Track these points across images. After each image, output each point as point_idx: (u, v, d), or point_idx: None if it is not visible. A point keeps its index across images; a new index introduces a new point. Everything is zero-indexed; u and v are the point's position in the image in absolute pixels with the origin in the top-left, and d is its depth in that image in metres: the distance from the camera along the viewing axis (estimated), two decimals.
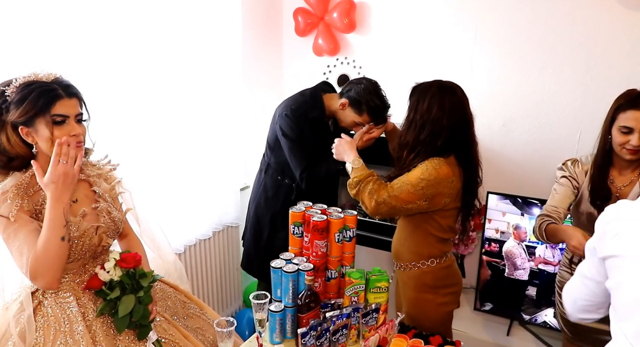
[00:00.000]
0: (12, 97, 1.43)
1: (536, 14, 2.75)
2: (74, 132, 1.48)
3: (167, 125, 2.56)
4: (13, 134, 1.46)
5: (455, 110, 1.82)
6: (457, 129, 1.83)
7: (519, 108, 2.92)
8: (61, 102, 1.45)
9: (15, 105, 1.42)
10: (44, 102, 1.43)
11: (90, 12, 2.07)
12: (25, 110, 1.42)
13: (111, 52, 2.18)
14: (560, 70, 2.76)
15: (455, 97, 1.84)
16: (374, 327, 1.68)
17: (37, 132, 1.45)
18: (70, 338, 1.48)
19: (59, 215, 1.43)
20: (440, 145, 1.82)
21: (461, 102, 1.86)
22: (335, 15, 3.20)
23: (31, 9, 1.85)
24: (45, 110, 1.43)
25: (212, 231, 3.00)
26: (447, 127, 1.80)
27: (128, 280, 1.56)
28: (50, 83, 1.47)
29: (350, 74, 3.39)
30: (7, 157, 1.47)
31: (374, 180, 1.86)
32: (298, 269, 1.63)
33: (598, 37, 2.63)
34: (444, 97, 1.82)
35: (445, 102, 1.81)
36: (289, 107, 2.42)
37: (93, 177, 1.68)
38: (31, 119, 1.43)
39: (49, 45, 1.93)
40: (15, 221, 1.42)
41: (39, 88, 1.44)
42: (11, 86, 1.44)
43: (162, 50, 2.47)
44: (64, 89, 1.48)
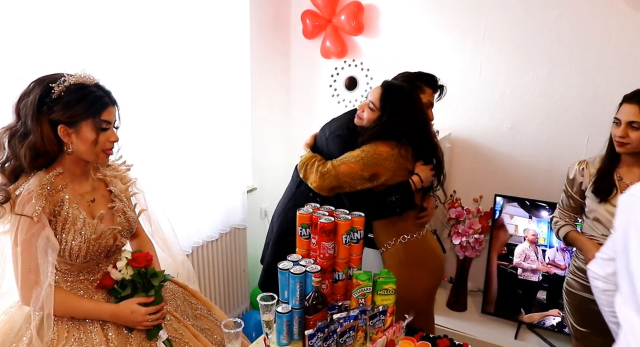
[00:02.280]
0: (61, 96, 1.44)
1: (545, 16, 2.74)
2: (113, 139, 1.55)
3: (175, 126, 2.57)
4: (49, 131, 1.46)
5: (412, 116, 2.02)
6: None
7: (527, 110, 2.91)
8: (108, 110, 1.52)
9: (64, 105, 1.44)
10: (96, 108, 1.48)
11: (103, 14, 2.09)
12: (75, 112, 1.45)
13: (121, 54, 2.20)
14: (569, 72, 2.75)
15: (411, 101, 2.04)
16: (381, 330, 1.67)
17: (80, 135, 1.48)
18: (84, 335, 1.50)
19: (99, 317, 1.54)
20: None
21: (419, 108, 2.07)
22: (343, 18, 3.20)
23: (42, 9, 1.87)
24: (95, 115, 1.48)
25: (219, 232, 3.00)
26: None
27: (139, 279, 1.58)
28: (98, 88, 1.52)
29: (357, 77, 3.39)
30: (34, 153, 1.46)
31: (318, 158, 2.09)
32: (305, 270, 1.63)
33: (608, 40, 2.62)
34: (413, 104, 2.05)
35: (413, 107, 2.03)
36: (345, 127, 2.23)
37: (109, 177, 1.70)
38: (77, 121, 1.46)
39: (65, 47, 1.95)
40: (37, 221, 1.43)
41: (92, 93, 1.48)
42: (60, 85, 1.44)
43: (171, 52, 2.48)
44: (109, 96, 1.54)
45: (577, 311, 2.11)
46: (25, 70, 1.82)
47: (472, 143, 3.12)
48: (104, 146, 1.54)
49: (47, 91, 1.44)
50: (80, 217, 1.52)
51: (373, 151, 1.96)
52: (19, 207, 1.42)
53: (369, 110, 2.05)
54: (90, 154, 1.52)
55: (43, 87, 1.44)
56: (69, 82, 1.45)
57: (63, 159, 1.53)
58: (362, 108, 2.08)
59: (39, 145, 1.45)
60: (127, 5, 2.21)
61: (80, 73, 1.50)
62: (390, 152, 1.98)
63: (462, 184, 3.20)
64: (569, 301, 2.14)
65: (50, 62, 1.88)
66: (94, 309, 1.53)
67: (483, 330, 2.90)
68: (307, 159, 2.11)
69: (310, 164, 2.07)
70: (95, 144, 1.50)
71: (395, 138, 2.01)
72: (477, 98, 3.04)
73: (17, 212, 1.42)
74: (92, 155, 1.53)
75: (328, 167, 1.99)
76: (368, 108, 2.05)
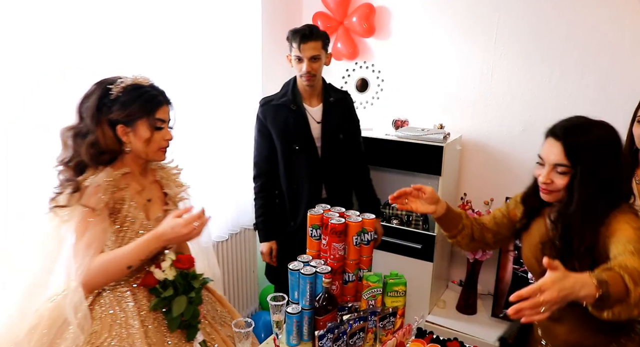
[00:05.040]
0: (119, 97, 1.51)
1: (558, 19, 2.73)
2: (168, 137, 1.62)
3: (185, 127, 2.58)
4: (109, 130, 1.53)
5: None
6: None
7: (540, 113, 2.89)
8: (162, 108, 1.59)
9: (122, 105, 1.51)
10: (151, 107, 1.55)
11: (120, 17, 2.11)
12: (131, 112, 1.52)
13: (137, 57, 2.22)
14: (582, 74, 2.73)
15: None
16: (391, 331, 1.67)
17: (136, 133, 1.55)
18: (125, 331, 1.52)
19: (147, 251, 1.53)
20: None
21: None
22: (355, 20, 3.21)
23: (53, 8, 1.89)
24: (150, 113, 1.55)
25: (229, 233, 3.01)
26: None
27: (181, 280, 1.60)
28: (153, 88, 1.59)
29: (369, 78, 3.40)
30: (97, 151, 1.52)
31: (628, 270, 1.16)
32: (316, 271, 1.64)
33: (621, 42, 2.60)
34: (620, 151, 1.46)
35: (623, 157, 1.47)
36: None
37: (165, 180, 1.76)
38: (134, 120, 1.53)
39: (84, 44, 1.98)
40: (99, 214, 1.50)
41: (146, 93, 1.55)
42: (117, 86, 1.52)
43: (184, 54, 2.50)
44: (163, 96, 1.61)
45: None
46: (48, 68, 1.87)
47: (483, 146, 3.11)
48: (159, 144, 1.60)
49: (105, 92, 1.52)
50: (138, 218, 1.59)
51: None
52: (84, 198, 1.48)
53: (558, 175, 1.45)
54: (147, 152, 1.59)
55: (102, 88, 1.52)
56: (125, 84, 1.53)
57: (124, 157, 1.60)
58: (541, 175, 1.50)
59: (101, 144, 1.51)
60: (140, 14, 2.25)
61: (136, 75, 1.58)
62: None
63: (473, 186, 3.19)
64: None
65: (68, 60, 1.92)
66: (131, 247, 1.52)
67: (493, 333, 2.87)
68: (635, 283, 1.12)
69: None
70: (150, 142, 1.57)
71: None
72: (489, 100, 3.03)
73: (83, 203, 1.48)
74: (148, 153, 1.60)
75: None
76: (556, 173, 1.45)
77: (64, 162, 1.53)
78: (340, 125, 2.53)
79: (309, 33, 2.34)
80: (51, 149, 1.59)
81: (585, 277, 1.12)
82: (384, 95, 3.37)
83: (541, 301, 1.08)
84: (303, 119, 2.44)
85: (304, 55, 2.34)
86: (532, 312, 1.09)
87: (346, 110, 2.59)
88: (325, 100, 2.50)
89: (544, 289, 1.08)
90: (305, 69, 2.36)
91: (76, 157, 1.52)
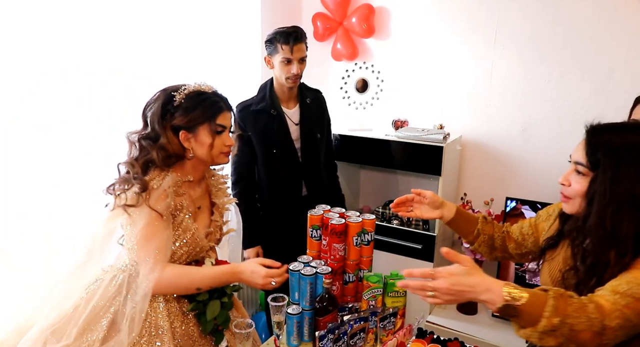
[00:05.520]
0: (181, 103, 1.55)
1: (558, 18, 2.73)
2: (229, 143, 1.64)
3: None
4: (173, 136, 1.57)
5: None
6: None
7: (539, 113, 2.89)
8: (223, 114, 1.61)
9: (184, 111, 1.55)
10: (212, 113, 1.58)
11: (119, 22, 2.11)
12: (193, 117, 1.55)
13: (134, 59, 2.22)
14: (582, 75, 2.73)
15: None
16: (391, 332, 1.67)
17: (197, 139, 1.58)
18: (154, 331, 1.55)
19: (220, 282, 1.61)
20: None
21: None
22: (354, 20, 3.21)
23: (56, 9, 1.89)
24: (211, 119, 1.58)
25: None
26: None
27: (229, 289, 1.68)
28: (215, 95, 1.62)
29: (368, 79, 3.40)
30: (165, 155, 1.56)
31: (573, 301, 1.06)
32: (316, 272, 1.64)
33: (621, 41, 2.60)
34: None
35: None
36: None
37: (214, 189, 1.78)
38: (195, 126, 1.56)
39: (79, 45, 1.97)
40: (165, 220, 1.53)
41: (208, 99, 1.58)
42: (180, 93, 1.56)
43: (182, 53, 2.50)
44: (224, 102, 1.63)
45: None
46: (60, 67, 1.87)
47: (483, 145, 3.11)
48: (220, 149, 1.62)
49: (169, 99, 1.56)
50: (191, 229, 1.61)
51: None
52: (153, 201, 1.51)
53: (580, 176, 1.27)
54: (211, 156, 1.61)
55: (166, 95, 1.57)
56: (188, 90, 1.57)
57: (184, 163, 1.63)
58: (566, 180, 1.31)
59: (168, 148, 1.55)
60: (140, 15, 2.25)
61: (199, 82, 1.62)
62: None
63: (473, 186, 3.19)
64: None
65: (68, 60, 1.92)
66: (207, 273, 1.59)
67: (494, 334, 2.87)
68: (554, 314, 1.03)
69: (577, 312, 1.03)
70: (211, 147, 1.59)
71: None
72: (489, 100, 3.03)
73: (151, 206, 1.50)
74: (212, 157, 1.62)
75: (616, 317, 1.03)
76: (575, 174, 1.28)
77: (132, 159, 1.57)
78: (317, 124, 2.57)
79: (299, 34, 2.34)
80: (50, 149, 1.59)
81: (495, 284, 1.07)
82: (383, 96, 3.37)
83: (429, 286, 1.07)
84: (283, 123, 2.44)
85: (294, 56, 2.33)
86: (420, 292, 1.10)
87: (320, 109, 2.62)
88: (302, 101, 2.52)
89: (437, 276, 1.09)
90: (295, 70, 2.36)
91: (144, 156, 1.56)
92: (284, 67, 2.36)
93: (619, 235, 1.14)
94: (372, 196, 3.55)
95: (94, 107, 2.03)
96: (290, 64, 2.34)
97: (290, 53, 2.32)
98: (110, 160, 2.09)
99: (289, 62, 2.34)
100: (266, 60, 2.42)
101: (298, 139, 2.50)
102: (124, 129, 1.58)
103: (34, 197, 1.87)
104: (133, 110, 2.19)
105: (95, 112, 2.03)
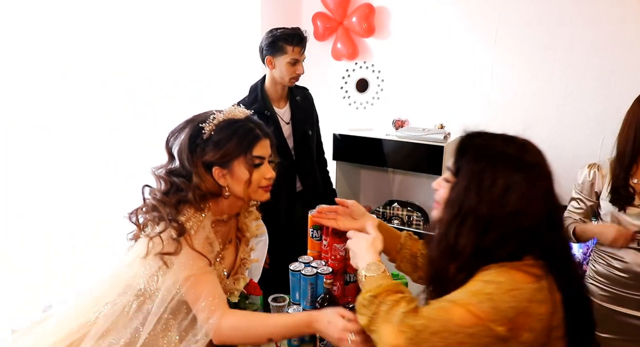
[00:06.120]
0: (211, 136, 1.35)
1: (559, 17, 2.73)
2: (269, 175, 1.42)
3: None
4: (206, 174, 1.36)
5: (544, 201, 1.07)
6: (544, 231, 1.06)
7: (540, 113, 2.89)
8: (260, 143, 1.39)
9: (215, 145, 1.35)
10: (247, 143, 1.37)
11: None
12: (226, 152, 1.35)
13: (134, 59, 2.22)
14: (583, 73, 2.73)
15: (546, 181, 1.10)
16: None
17: (233, 175, 1.37)
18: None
19: (294, 333, 1.39)
20: (512, 251, 1.04)
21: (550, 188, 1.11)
22: (354, 20, 3.21)
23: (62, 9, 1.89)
24: (246, 151, 1.36)
25: None
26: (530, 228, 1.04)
27: (242, 304, 1.58)
28: (248, 121, 1.41)
29: (369, 78, 3.39)
30: (200, 193, 1.37)
31: (407, 298, 1.05)
32: (317, 272, 1.63)
33: (623, 40, 2.60)
34: (532, 181, 1.06)
35: (534, 189, 1.06)
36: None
37: (247, 217, 1.58)
38: (230, 160, 1.36)
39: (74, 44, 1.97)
40: (211, 265, 1.37)
41: (240, 128, 1.38)
42: (209, 123, 1.36)
43: (182, 53, 2.50)
44: (261, 129, 1.41)
45: (597, 317, 2.05)
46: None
47: None
48: (259, 183, 1.41)
49: (198, 132, 1.36)
50: (219, 271, 1.45)
51: (512, 282, 0.99)
52: (198, 247, 1.32)
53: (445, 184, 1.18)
54: (247, 194, 1.40)
55: (193, 127, 1.37)
56: (217, 120, 1.37)
57: (221, 201, 1.42)
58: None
59: (202, 187, 1.36)
60: (141, 15, 2.24)
61: (230, 108, 1.43)
62: (540, 288, 1.00)
63: None
64: None
65: (68, 60, 1.92)
66: (280, 322, 1.34)
67: None
68: (380, 291, 1.08)
69: (390, 305, 1.03)
70: (249, 183, 1.37)
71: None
72: (489, 100, 3.03)
73: (197, 249, 1.32)
74: (249, 194, 1.41)
75: (424, 318, 0.98)
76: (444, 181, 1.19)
77: (162, 195, 1.36)
78: (307, 122, 2.58)
79: (305, 35, 2.35)
80: (50, 149, 1.58)
81: (368, 257, 1.19)
82: (384, 95, 3.37)
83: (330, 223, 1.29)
84: (276, 124, 2.45)
85: (302, 57, 2.35)
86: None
87: (309, 106, 2.64)
88: (292, 99, 2.53)
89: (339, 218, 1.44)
90: (301, 71, 2.38)
91: (176, 194, 1.35)
92: (290, 67, 2.36)
93: (456, 248, 1.06)
94: (372, 196, 3.55)
95: (94, 107, 2.02)
96: (297, 65, 2.36)
97: (299, 54, 2.33)
98: (110, 161, 2.11)
99: (296, 62, 2.35)
100: (267, 60, 2.41)
101: (290, 137, 2.52)
102: (124, 129, 1.55)
103: (34, 197, 1.86)
104: (133, 110, 2.22)
105: (95, 112, 2.03)
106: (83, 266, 2.04)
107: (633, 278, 1.89)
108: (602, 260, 1.99)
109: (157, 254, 1.29)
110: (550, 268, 1.03)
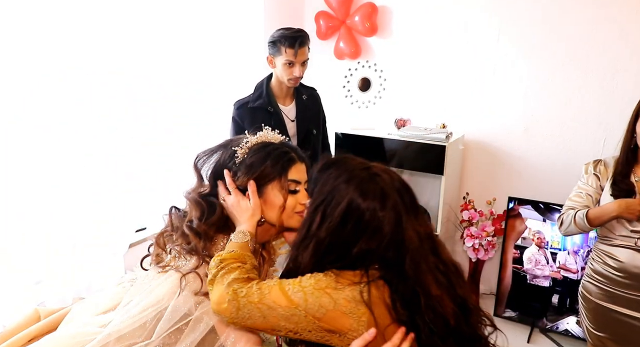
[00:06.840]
0: (244, 159, 1.30)
1: (561, 15, 2.71)
2: (304, 201, 1.31)
3: (188, 130, 2.58)
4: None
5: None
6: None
7: (542, 112, 2.88)
8: (295, 167, 1.33)
9: (248, 169, 1.29)
10: (282, 166, 1.30)
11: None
12: (260, 175, 1.28)
13: (134, 59, 2.22)
14: (586, 72, 2.71)
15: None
16: None
17: (266, 200, 1.30)
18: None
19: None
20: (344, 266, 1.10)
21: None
22: (357, 19, 3.20)
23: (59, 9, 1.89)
24: (281, 174, 1.30)
25: None
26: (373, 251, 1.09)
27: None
28: (282, 145, 1.36)
29: (371, 78, 3.39)
30: (226, 219, 1.32)
31: (248, 267, 1.16)
32: None
33: (625, 39, 2.58)
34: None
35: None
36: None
37: (275, 241, 1.46)
38: (264, 185, 1.29)
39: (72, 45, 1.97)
40: None
41: (274, 151, 1.32)
42: (242, 147, 1.32)
43: (184, 53, 2.50)
44: (296, 153, 1.36)
45: (594, 315, 2.06)
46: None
47: (486, 145, 3.09)
48: (294, 209, 1.32)
49: (231, 156, 1.32)
50: None
51: (332, 279, 1.08)
52: None
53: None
54: (280, 221, 1.32)
55: (226, 151, 1.34)
56: (251, 143, 1.33)
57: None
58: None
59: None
60: (141, 15, 2.24)
61: (264, 132, 1.38)
62: (359, 287, 1.06)
63: (475, 186, 3.17)
64: (586, 306, 2.10)
65: (68, 60, 1.92)
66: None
67: (495, 333, 2.87)
68: (230, 257, 1.17)
69: (227, 270, 1.14)
70: (283, 209, 1.30)
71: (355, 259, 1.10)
72: (491, 100, 3.01)
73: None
74: (283, 221, 1.33)
75: (248, 288, 1.10)
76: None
77: (198, 221, 1.28)
78: (312, 121, 2.58)
79: (304, 38, 2.35)
80: (50, 149, 1.57)
81: (244, 226, 1.24)
82: (386, 95, 3.36)
83: None
84: (280, 120, 2.46)
85: (297, 60, 2.35)
86: None
87: (316, 105, 2.64)
88: (297, 98, 2.54)
89: None
90: (298, 73, 2.38)
91: (208, 218, 1.29)
92: (286, 69, 2.37)
93: (299, 265, 1.12)
94: None
95: (94, 107, 2.03)
96: (293, 67, 2.36)
97: (294, 57, 2.33)
98: (110, 161, 2.12)
99: (291, 64, 2.35)
100: (268, 59, 2.42)
101: (295, 135, 2.52)
102: (124, 129, 1.54)
103: (34, 197, 1.87)
104: (133, 110, 2.23)
105: (95, 112, 2.03)
106: (83, 266, 2.05)
107: (628, 277, 1.92)
108: (599, 259, 2.02)
109: (195, 293, 1.20)
110: (384, 277, 1.08)
